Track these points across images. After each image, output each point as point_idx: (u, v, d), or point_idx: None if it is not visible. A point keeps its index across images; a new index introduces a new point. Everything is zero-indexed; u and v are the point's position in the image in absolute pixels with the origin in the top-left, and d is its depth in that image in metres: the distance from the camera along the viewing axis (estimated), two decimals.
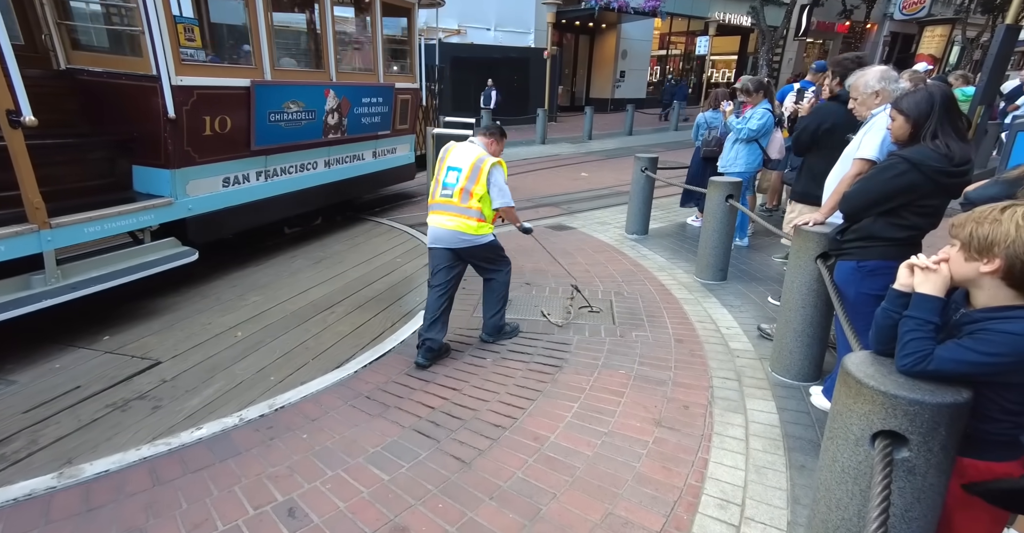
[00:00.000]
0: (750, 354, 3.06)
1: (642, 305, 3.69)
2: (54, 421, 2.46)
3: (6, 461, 2.18)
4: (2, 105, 2.68)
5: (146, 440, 2.31)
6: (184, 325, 3.46)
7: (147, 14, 3.31)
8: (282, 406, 2.52)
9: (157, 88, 3.47)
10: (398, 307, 3.84)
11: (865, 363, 1.30)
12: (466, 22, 14.78)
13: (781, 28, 16.94)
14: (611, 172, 9.02)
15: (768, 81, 4.65)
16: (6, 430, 2.37)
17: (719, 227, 4.03)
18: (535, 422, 2.39)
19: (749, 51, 24.20)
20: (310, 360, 3.06)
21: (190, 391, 2.74)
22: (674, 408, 2.52)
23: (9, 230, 2.79)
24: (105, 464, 2.10)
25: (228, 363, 3.01)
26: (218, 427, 2.36)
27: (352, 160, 5.49)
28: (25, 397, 2.64)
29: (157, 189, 3.74)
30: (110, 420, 2.48)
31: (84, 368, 2.92)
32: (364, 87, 5.36)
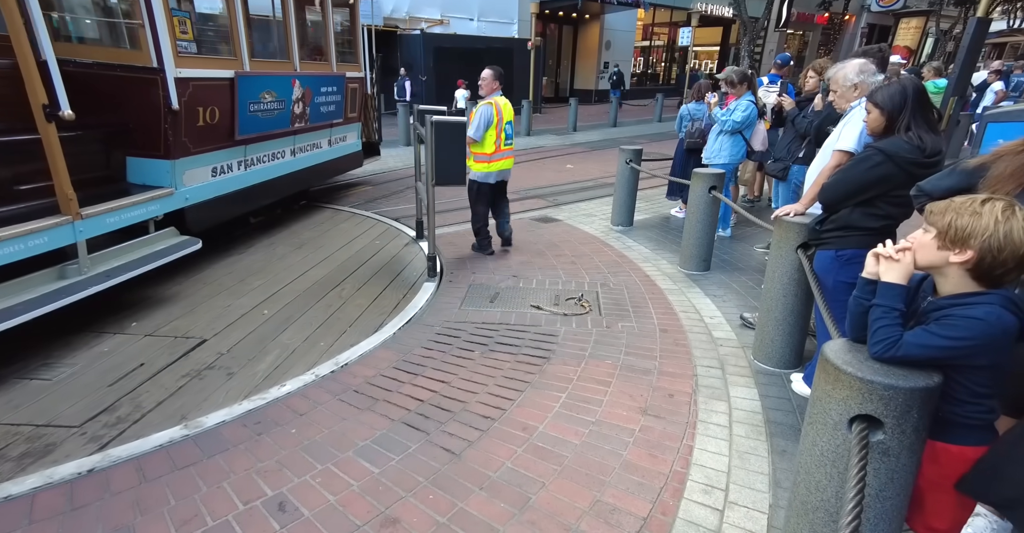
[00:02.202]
0: (733, 343, 3.12)
1: (627, 296, 3.74)
2: (143, 390, 2.64)
3: (119, 424, 2.38)
4: (38, 99, 2.72)
5: (238, 398, 2.55)
6: (204, 309, 3.55)
7: (149, 8, 3.36)
8: (345, 363, 2.85)
9: (158, 80, 3.51)
10: (401, 281, 4.10)
11: (843, 350, 1.34)
12: (449, 12, 14.62)
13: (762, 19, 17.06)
14: (596, 164, 9.04)
15: (751, 73, 4.70)
16: (105, 401, 2.55)
17: (703, 218, 4.08)
18: (524, 413, 2.42)
19: (731, 42, 24.32)
20: (347, 328, 3.33)
21: (252, 359, 2.96)
22: (659, 397, 2.57)
23: (49, 222, 2.86)
24: (219, 416, 2.38)
25: (272, 336, 3.23)
26: (298, 383, 2.65)
27: (312, 148, 5.59)
28: (96, 376, 2.75)
29: (154, 180, 3.75)
30: (194, 386, 2.69)
31: (133, 349, 3.03)
32: (322, 77, 5.44)
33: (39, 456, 2.15)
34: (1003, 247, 1.12)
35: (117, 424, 2.37)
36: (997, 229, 1.12)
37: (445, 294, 3.77)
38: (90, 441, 2.25)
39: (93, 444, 2.23)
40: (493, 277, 4.06)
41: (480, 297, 3.70)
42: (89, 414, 2.43)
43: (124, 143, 3.70)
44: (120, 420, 2.40)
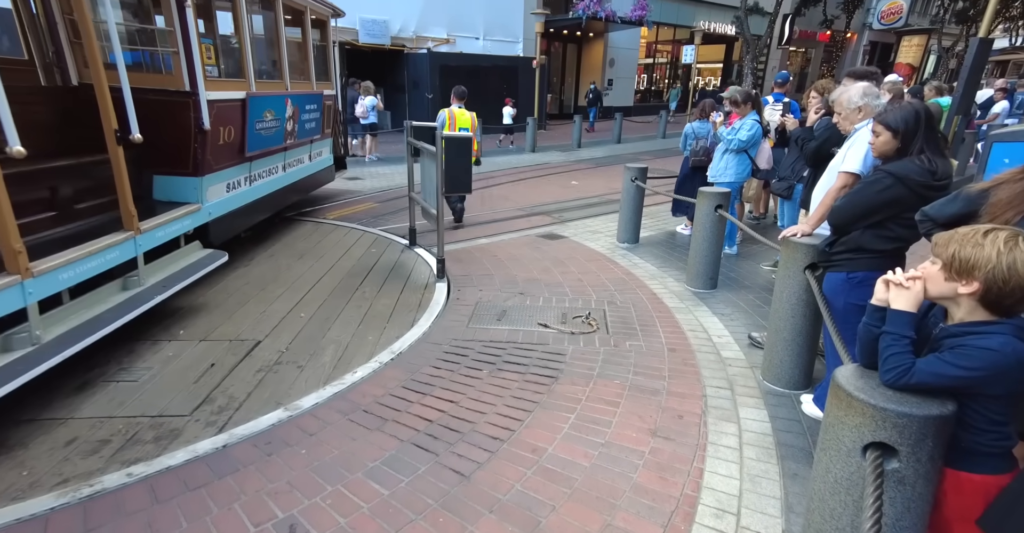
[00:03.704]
0: (741, 363, 3.11)
1: (635, 314, 3.74)
2: (228, 384, 2.84)
3: (225, 411, 2.61)
4: (111, 124, 2.90)
5: (318, 386, 2.81)
6: (241, 315, 3.71)
7: (185, 36, 3.61)
8: (400, 352, 3.16)
9: (190, 102, 3.72)
10: (413, 282, 4.38)
11: (855, 376, 1.35)
12: (455, 31, 14.87)
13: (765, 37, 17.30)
14: (601, 180, 9.10)
15: (755, 93, 4.76)
16: (199, 394, 2.75)
17: (708, 236, 4.10)
18: (533, 434, 2.41)
19: (734, 59, 24.62)
20: (385, 324, 3.61)
21: (313, 355, 3.18)
22: (669, 418, 2.56)
23: (120, 237, 3.06)
24: (311, 399, 2.67)
25: (320, 334, 3.46)
26: (369, 369, 2.97)
27: (298, 163, 5.81)
28: (176, 375, 2.93)
29: (182, 196, 3.90)
30: (273, 379, 2.91)
31: (196, 352, 3.19)
32: (306, 95, 5.69)
33: (172, 439, 2.39)
34: (1008, 278, 1.13)
35: (222, 411, 2.61)
36: (1000, 261, 1.13)
37: (452, 311, 3.78)
38: (207, 426, 2.49)
39: (212, 428, 2.48)
40: (500, 294, 4.08)
41: (487, 315, 3.71)
42: (192, 405, 2.66)
43: (150, 162, 3.86)
44: (223, 408, 2.64)
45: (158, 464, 2.18)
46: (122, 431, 2.44)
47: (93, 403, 2.65)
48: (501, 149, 12.60)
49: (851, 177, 2.52)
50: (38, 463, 2.21)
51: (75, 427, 2.46)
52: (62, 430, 2.44)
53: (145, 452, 2.29)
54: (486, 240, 5.50)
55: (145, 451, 2.30)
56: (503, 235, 5.70)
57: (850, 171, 2.52)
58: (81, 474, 2.14)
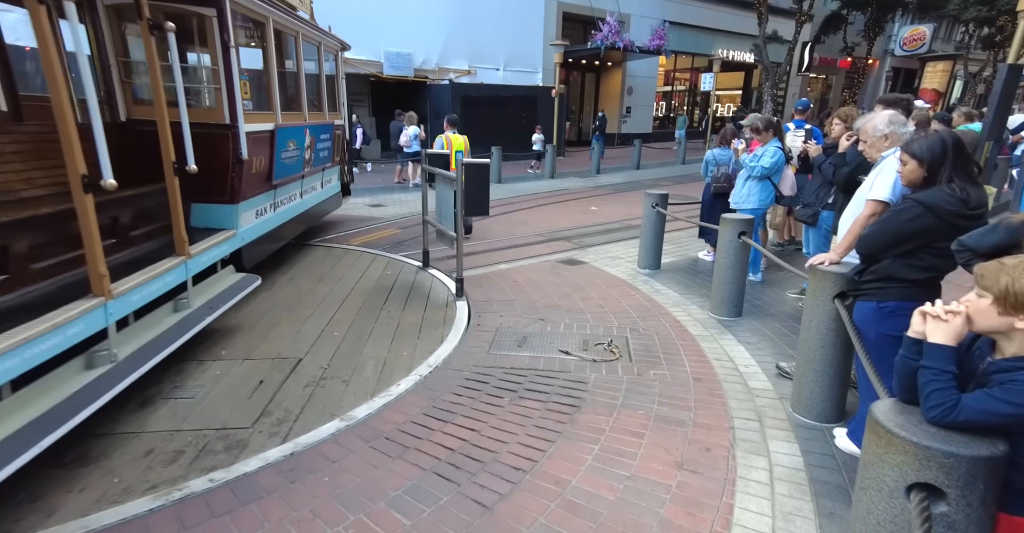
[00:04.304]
0: (770, 393, 3.03)
1: (658, 342, 3.69)
2: (280, 399, 2.97)
3: (284, 423, 2.74)
4: (170, 157, 3.15)
5: (366, 398, 2.95)
6: (277, 335, 3.83)
7: (228, 74, 3.86)
8: (437, 364, 3.34)
9: (229, 134, 3.95)
10: (434, 301, 4.54)
11: (893, 412, 1.30)
12: (476, 63, 15.35)
13: (784, 64, 17.40)
14: (621, 206, 9.13)
15: (777, 120, 4.76)
16: (256, 408, 2.87)
17: (732, 263, 4.05)
18: (556, 465, 2.37)
19: (753, 86, 24.76)
20: (416, 340, 3.75)
21: (355, 370, 3.31)
22: (696, 450, 2.49)
23: (175, 261, 3.24)
24: (363, 410, 2.83)
25: (357, 351, 3.59)
26: (411, 381, 3.14)
27: (312, 190, 6.01)
28: (229, 392, 3.04)
29: (218, 223, 4.07)
30: (322, 393, 3.04)
31: (242, 370, 3.30)
32: (321, 125, 5.95)
33: (241, 448, 2.51)
34: None
35: (282, 423, 2.74)
36: None
37: (473, 337, 3.78)
38: (271, 436, 2.62)
39: (276, 438, 2.60)
40: (520, 320, 4.07)
41: (508, 341, 3.70)
42: (252, 418, 2.77)
43: (189, 191, 4.02)
44: (282, 420, 2.76)
45: (235, 471, 2.32)
46: (192, 442, 2.56)
47: (158, 418, 2.78)
48: (521, 175, 12.77)
49: (879, 205, 2.48)
50: (125, 472, 2.35)
51: (148, 440, 2.59)
52: (137, 442, 2.57)
53: (219, 461, 2.42)
54: (506, 265, 5.53)
55: (219, 460, 2.42)
56: (523, 260, 5.72)
57: (878, 199, 2.49)
58: (167, 481, 2.28)
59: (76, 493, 2.19)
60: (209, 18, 3.77)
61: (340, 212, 8.14)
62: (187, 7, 3.71)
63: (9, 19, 3.95)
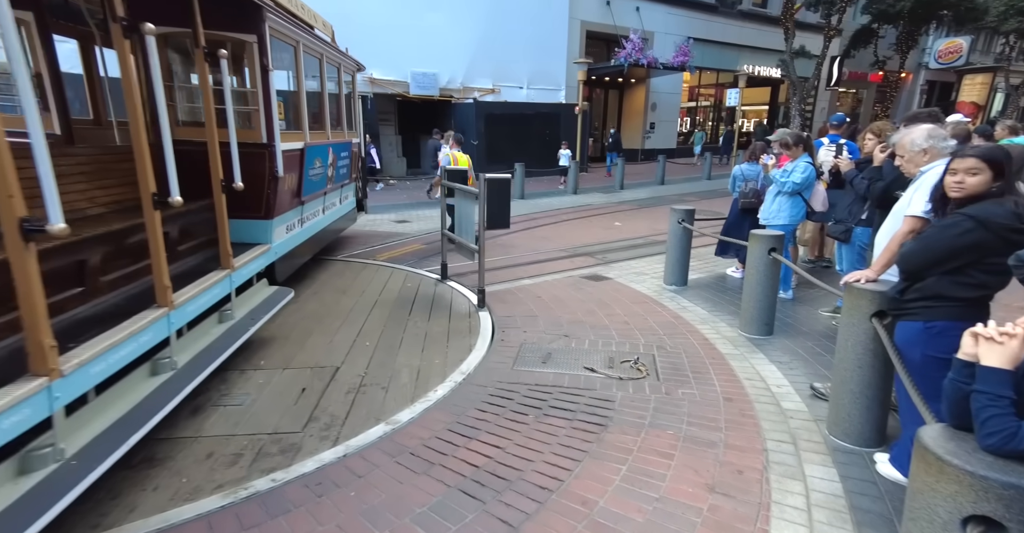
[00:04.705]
0: (804, 415, 2.92)
1: (686, 360, 3.61)
2: (324, 405, 3.08)
3: (332, 428, 2.85)
4: (218, 175, 3.33)
5: (407, 403, 3.09)
6: (312, 345, 3.93)
7: (267, 97, 4.05)
8: (469, 371, 3.47)
9: (266, 153, 4.12)
10: (457, 312, 4.65)
11: (944, 438, 1.24)
12: (500, 81, 15.59)
13: (812, 79, 17.17)
14: (645, 221, 9.06)
15: (807, 135, 4.69)
16: (303, 414, 2.99)
17: (763, 280, 3.96)
18: (582, 485, 2.32)
19: (780, 101, 24.49)
20: (446, 348, 3.87)
21: (392, 377, 3.43)
22: (727, 473, 2.41)
23: (220, 275, 3.37)
24: (406, 414, 2.94)
25: (390, 359, 3.71)
26: (447, 387, 3.25)
27: (332, 206, 6.16)
28: (274, 399, 3.15)
29: (253, 238, 4.21)
30: (364, 399, 3.15)
31: (284, 379, 3.42)
32: (341, 143, 6.14)
33: (295, 451, 2.62)
34: None
35: (330, 427, 2.85)
36: None
37: (496, 353, 3.76)
38: (322, 440, 2.73)
39: (327, 441, 2.72)
40: (544, 336, 4.04)
41: (532, 357, 3.67)
42: (301, 423, 2.89)
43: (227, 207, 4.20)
44: (329, 425, 2.88)
45: (294, 472, 2.44)
46: (248, 446, 2.67)
47: (212, 423, 2.90)
48: (544, 191, 12.82)
49: (919, 221, 2.41)
50: (191, 472, 2.47)
51: (206, 443, 2.70)
52: (196, 446, 2.68)
53: (277, 462, 2.53)
54: (529, 281, 5.52)
55: (276, 462, 2.54)
56: (546, 276, 5.71)
57: (918, 215, 2.41)
58: (231, 481, 2.39)
59: (150, 492, 2.33)
60: (250, 44, 3.95)
61: (366, 228, 8.30)
62: (231, 34, 3.89)
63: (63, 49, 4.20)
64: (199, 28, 3.11)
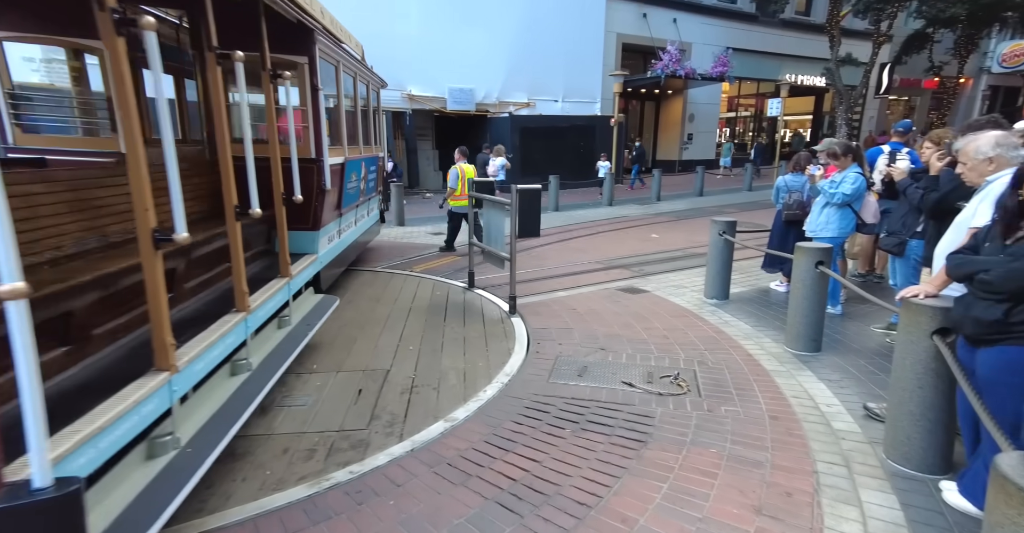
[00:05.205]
0: (857, 436, 2.77)
1: (729, 376, 3.49)
2: (383, 405, 3.23)
3: (395, 425, 3.00)
4: (279, 188, 3.48)
5: (459, 403, 3.21)
6: (359, 350, 4.10)
7: (316, 115, 4.25)
8: (512, 373, 3.61)
9: (315, 168, 4.32)
10: (490, 318, 4.80)
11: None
12: (535, 95, 15.73)
13: (859, 87, 16.55)
14: (683, 233, 8.89)
15: (856, 145, 4.51)
16: (364, 413, 3.13)
17: (809, 295, 3.81)
18: (622, 502, 2.26)
19: (825, 110, 23.73)
20: (486, 351, 4.04)
21: (441, 378, 3.58)
22: (775, 494, 2.30)
23: (281, 282, 3.53)
24: (461, 412, 3.09)
25: (436, 362, 3.86)
26: (495, 388, 3.39)
27: (363, 218, 6.34)
28: (335, 400, 3.30)
29: (300, 248, 4.38)
30: (419, 399, 3.30)
31: (339, 381, 3.57)
32: (371, 157, 6.36)
33: (364, 447, 2.77)
34: None
35: (393, 425, 3.00)
36: None
37: (531, 365, 3.74)
38: (387, 436, 2.88)
39: (393, 437, 2.86)
40: (580, 349, 4.00)
41: (568, 370, 3.64)
42: (365, 421, 3.04)
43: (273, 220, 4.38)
44: (392, 423, 3.03)
45: (368, 464, 2.58)
46: (320, 442, 2.81)
47: (281, 422, 3.05)
48: (578, 203, 12.79)
49: None
50: (273, 466, 2.62)
51: (280, 440, 2.85)
52: (271, 442, 2.83)
53: (350, 457, 2.67)
54: (563, 293, 5.49)
55: (349, 456, 2.68)
56: (581, 288, 5.66)
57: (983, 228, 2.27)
58: (312, 473, 2.53)
59: (240, 482, 2.48)
60: (301, 65, 4.15)
61: (403, 239, 8.47)
62: (285, 56, 4.10)
63: None
64: (266, 53, 3.30)
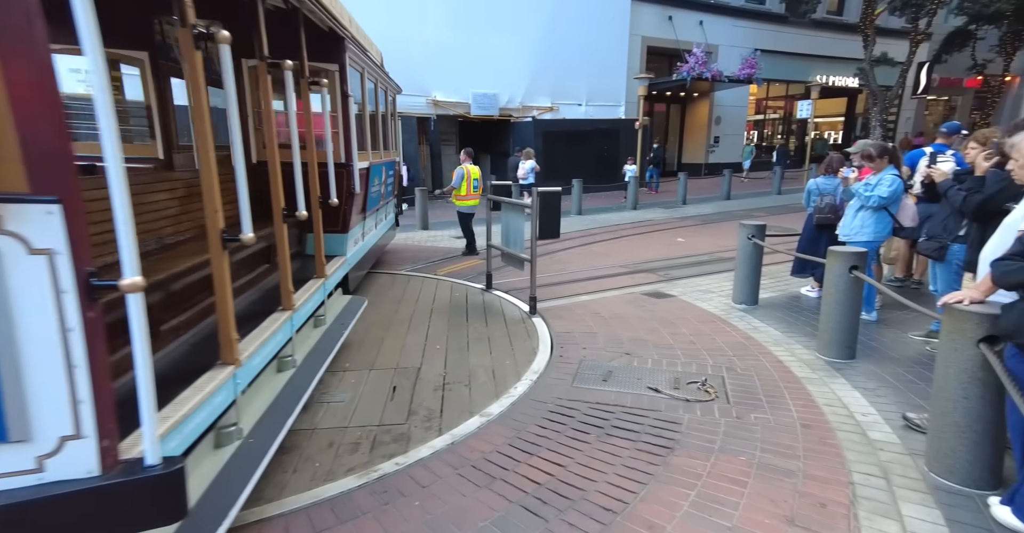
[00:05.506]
0: (896, 447, 2.67)
1: (759, 383, 3.41)
2: (418, 401, 3.31)
3: (432, 420, 3.08)
4: (315, 192, 3.59)
5: (492, 399, 3.29)
6: (387, 349, 4.17)
7: (347, 123, 4.38)
8: (540, 370, 3.68)
9: (345, 172, 4.42)
10: (511, 318, 4.88)
11: None
12: (559, 99, 15.73)
13: (896, 87, 16.03)
14: (710, 237, 8.74)
15: (893, 146, 4.35)
16: (402, 409, 3.22)
17: (843, 300, 3.69)
18: (648, 509, 2.22)
19: (858, 111, 23.06)
20: (512, 350, 4.09)
21: (471, 376, 3.65)
22: (808, 505, 2.23)
23: (318, 283, 3.62)
24: (496, 407, 3.17)
25: (464, 360, 3.93)
26: (525, 384, 3.46)
27: (381, 222, 6.45)
28: (372, 396, 3.39)
29: (331, 250, 4.47)
30: (452, 396, 3.37)
31: (374, 378, 3.66)
32: (389, 162, 6.47)
33: (406, 440, 2.85)
34: None
35: (431, 419, 3.08)
36: None
37: (555, 369, 3.72)
38: (427, 430, 2.95)
39: (432, 431, 2.94)
40: (604, 354, 3.96)
41: (592, 375, 3.60)
42: (403, 416, 3.12)
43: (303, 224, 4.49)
44: (429, 417, 3.10)
45: (412, 456, 2.68)
46: (363, 436, 2.90)
47: (323, 418, 3.12)
48: (601, 207, 12.70)
49: None
50: (321, 458, 2.70)
51: (324, 434, 2.93)
52: (317, 437, 2.91)
53: (393, 449, 2.76)
54: (587, 297, 5.45)
55: (393, 449, 2.77)
56: (605, 292, 5.61)
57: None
58: (359, 465, 2.62)
59: (292, 473, 2.56)
60: (332, 72, 4.26)
61: (427, 243, 8.55)
62: (318, 64, 4.21)
63: None
64: (305, 61, 3.41)
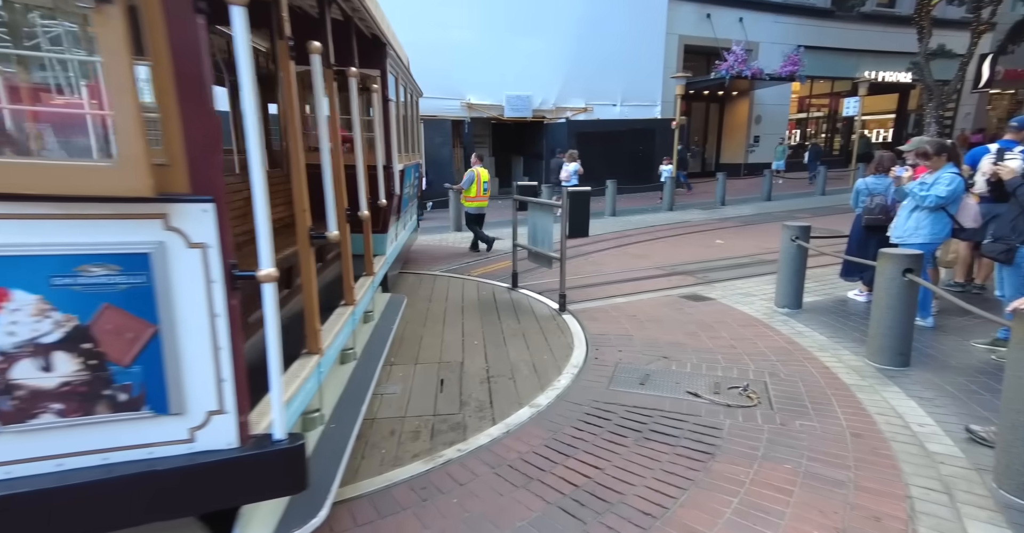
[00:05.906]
0: (959, 461, 2.52)
1: (803, 389, 3.28)
2: (468, 392, 3.40)
3: (484, 410, 3.17)
4: (365, 193, 3.69)
5: (537, 391, 3.38)
6: (427, 344, 4.26)
7: (387, 126, 4.50)
8: (580, 365, 3.77)
9: (388, 174, 4.52)
10: (541, 315, 4.93)
11: None
12: (593, 100, 15.59)
13: (954, 81, 15.15)
14: (750, 239, 8.48)
15: (951, 143, 4.11)
16: (453, 400, 3.30)
17: (895, 304, 3.52)
18: (689, 515, 2.17)
19: (910, 108, 21.96)
20: (547, 345, 4.17)
21: (514, 370, 3.74)
22: (860, 518, 2.13)
23: (368, 280, 3.71)
24: (544, 398, 3.26)
25: (504, 355, 4.01)
26: (567, 378, 3.56)
27: (409, 222, 6.53)
28: (422, 389, 3.47)
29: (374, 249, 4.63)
30: (499, 388, 3.46)
31: (420, 372, 3.74)
32: (415, 165, 6.61)
33: (462, 429, 2.95)
34: None
35: (482, 410, 3.16)
36: None
37: (591, 371, 3.69)
38: (480, 419, 3.05)
39: (486, 421, 3.02)
40: (641, 357, 3.89)
41: (628, 378, 3.55)
42: (456, 407, 3.21)
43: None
44: (481, 408, 3.19)
45: (472, 443, 2.78)
46: (422, 425, 2.99)
47: (380, 408, 3.21)
48: (636, 207, 12.53)
49: None
50: (385, 446, 2.80)
51: (384, 424, 3.03)
52: (377, 426, 3.01)
53: (452, 437, 2.85)
54: (622, 299, 5.37)
55: (451, 437, 2.86)
56: (641, 295, 5.52)
57: None
58: (422, 451, 2.72)
59: (360, 459, 2.66)
60: (373, 77, 4.38)
61: (462, 244, 8.62)
62: (363, 70, 4.33)
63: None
64: (357, 67, 3.53)
